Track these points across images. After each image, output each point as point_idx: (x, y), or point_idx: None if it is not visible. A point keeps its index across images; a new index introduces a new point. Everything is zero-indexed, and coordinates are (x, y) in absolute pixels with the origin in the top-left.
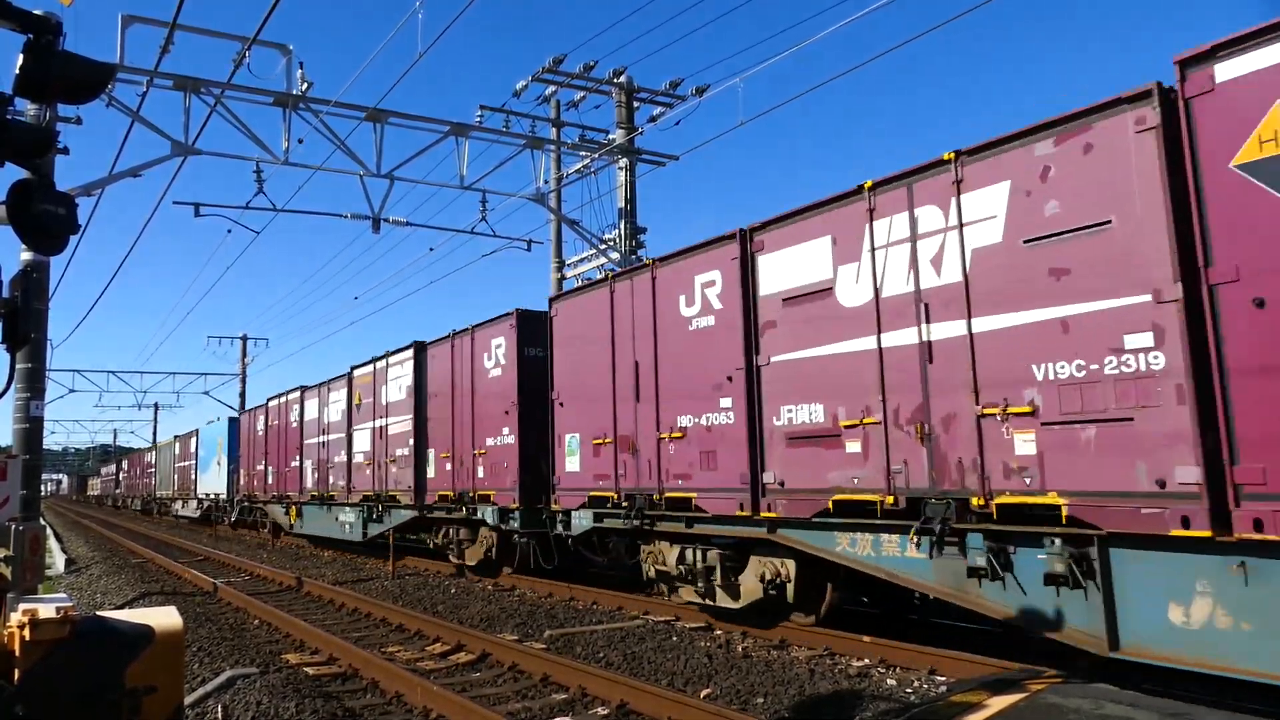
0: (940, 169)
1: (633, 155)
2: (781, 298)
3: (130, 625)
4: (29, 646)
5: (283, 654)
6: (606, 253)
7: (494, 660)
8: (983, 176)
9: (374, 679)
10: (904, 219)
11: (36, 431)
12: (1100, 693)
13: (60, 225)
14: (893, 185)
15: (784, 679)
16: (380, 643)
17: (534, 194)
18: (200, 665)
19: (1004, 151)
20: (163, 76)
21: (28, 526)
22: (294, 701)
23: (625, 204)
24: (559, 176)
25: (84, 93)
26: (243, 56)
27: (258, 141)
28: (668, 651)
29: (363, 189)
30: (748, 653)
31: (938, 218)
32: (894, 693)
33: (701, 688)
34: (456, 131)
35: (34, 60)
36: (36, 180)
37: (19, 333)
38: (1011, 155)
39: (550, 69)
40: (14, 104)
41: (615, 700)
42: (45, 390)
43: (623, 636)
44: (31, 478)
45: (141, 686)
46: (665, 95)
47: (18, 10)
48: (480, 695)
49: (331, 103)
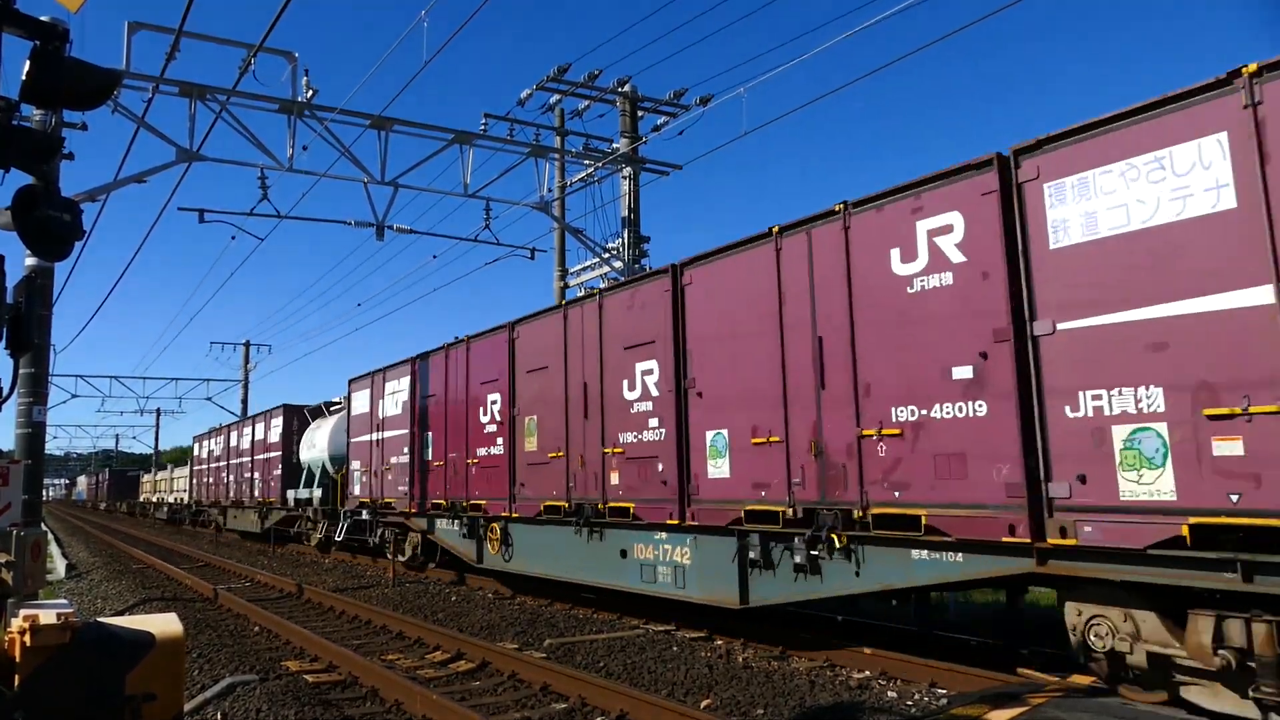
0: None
1: (636, 164)
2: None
3: (130, 631)
4: (29, 652)
5: (283, 661)
6: (610, 261)
7: (494, 669)
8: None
9: (374, 687)
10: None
11: (39, 436)
12: (1101, 708)
13: (65, 231)
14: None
15: (784, 690)
16: (380, 650)
17: (537, 202)
18: (200, 672)
19: (884, 204)
20: (168, 83)
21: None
22: (293, 709)
23: (629, 213)
24: (562, 185)
25: (90, 99)
26: (248, 63)
27: (262, 148)
28: (668, 661)
29: (367, 196)
30: (748, 663)
31: None
32: (894, 705)
33: (702, 698)
34: (461, 139)
35: (41, 66)
36: (42, 186)
37: (22, 338)
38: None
39: (554, 78)
40: (20, 109)
41: (615, 710)
42: (48, 395)
43: (623, 646)
44: (34, 483)
45: (141, 693)
46: (669, 105)
47: (25, 16)
48: (479, 704)
49: (336, 110)
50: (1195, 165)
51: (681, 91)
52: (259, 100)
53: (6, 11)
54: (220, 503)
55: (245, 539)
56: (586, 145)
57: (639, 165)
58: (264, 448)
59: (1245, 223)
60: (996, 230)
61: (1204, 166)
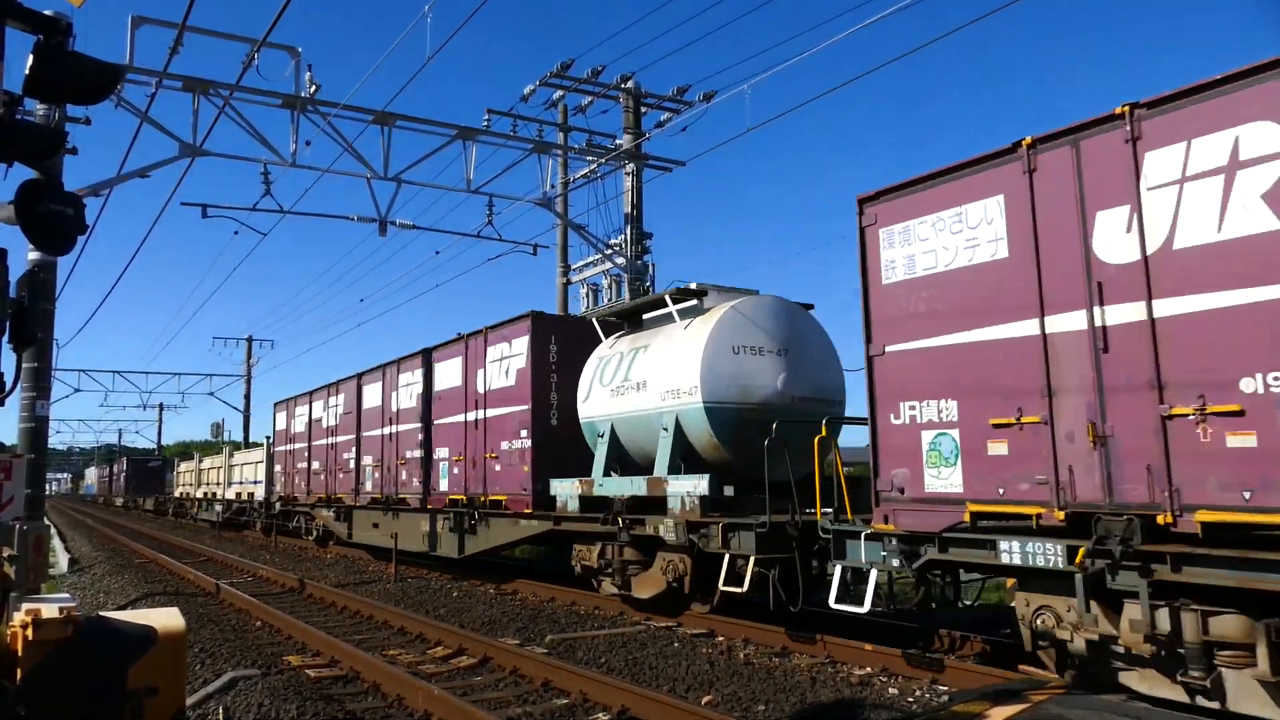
0: None
1: (639, 161)
2: None
3: (132, 626)
4: (31, 647)
5: (284, 656)
6: (612, 258)
7: (495, 664)
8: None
9: (375, 682)
10: None
11: (42, 431)
12: (1103, 704)
13: (68, 225)
14: None
15: (785, 686)
16: (382, 646)
17: (540, 198)
18: (202, 666)
19: None
20: (172, 78)
21: (32, 527)
22: (295, 704)
23: (631, 209)
24: (565, 181)
25: (93, 93)
26: (252, 58)
27: (265, 143)
28: (670, 657)
29: (370, 192)
30: (749, 660)
31: None
32: (896, 702)
33: (703, 694)
34: (464, 135)
35: (44, 61)
36: (45, 180)
37: (25, 333)
38: None
39: (558, 74)
40: (23, 104)
41: (616, 706)
42: (51, 390)
43: (624, 642)
44: (36, 477)
45: (143, 687)
46: (673, 101)
47: (28, 10)
48: (481, 699)
49: (339, 105)
50: (982, 220)
51: (685, 88)
52: (262, 95)
53: (9, 6)
54: (336, 500)
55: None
56: (589, 141)
57: (642, 161)
58: (471, 400)
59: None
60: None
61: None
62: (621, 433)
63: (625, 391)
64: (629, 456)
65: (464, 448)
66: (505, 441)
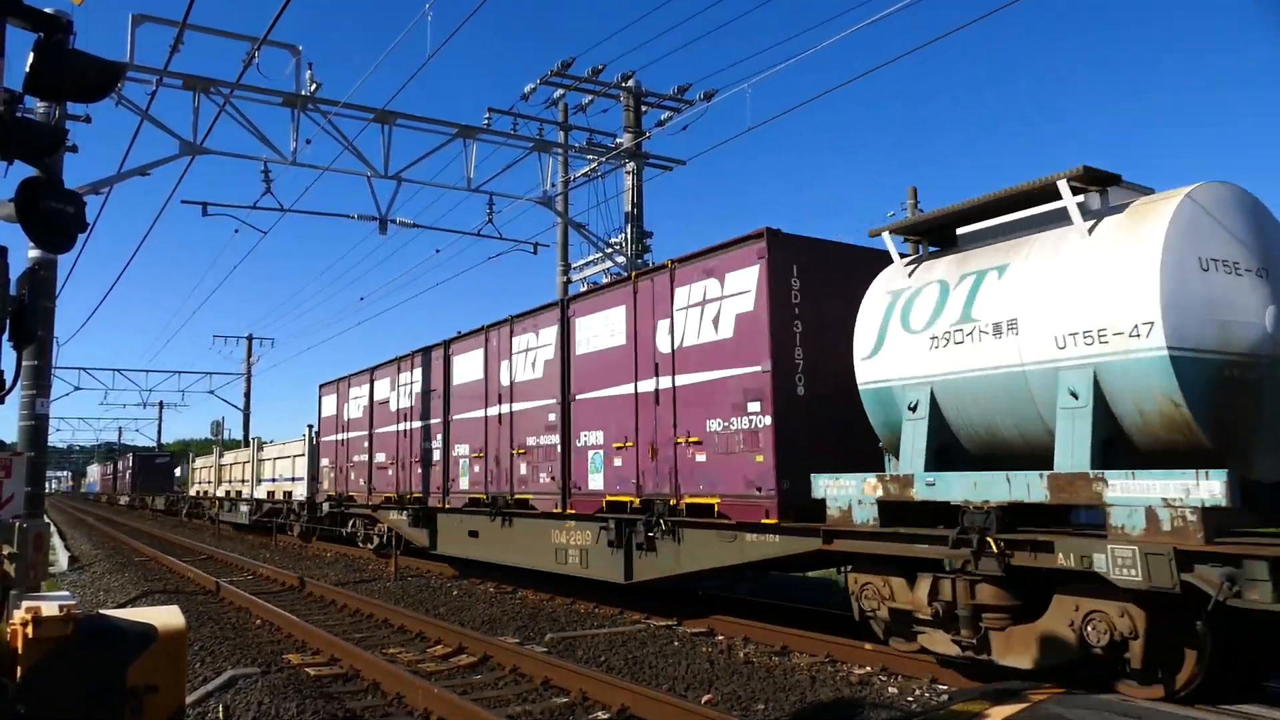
0: None
1: (640, 159)
2: None
3: (132, 624)
4: (31, 645)
5: (284, 654)
6: (613, 256)
7: (495, 663)
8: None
9: (375, 680)
10: None
11: (42, 429)
12: (1102, 704)
13: (68, 223)
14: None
15: (785, 685)
16: (382, 644)
17: (541, 197)
18: (202, 664)
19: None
20: (172, 76)
21: (32, 525)
22: (295, 702)
23: (632, 208)
24: (566, 180)
25: (94, 91)
26: (252, 57)
27: (266, 142)
28: (669, 656)
29: (370, 190)
30: (749, 659)
31: None
32: (895, 701)
33: (703, 693)
34: (464, 134)
35: (45, 59)
36: (45, 178)
37: (25, 330)
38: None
39: (558, 72)
40: (24, 102)
41: (616, 705)
42: (51, 388)
43: (624, 641)
44: (36, 475)
45: (143, 685)
46: (673, 100)
47: (29, 8)
48: (481, 698)
49: (340, 104)
50: (618, 319)
51: (685, 87)
52: (263, 94)
53: (10, 3)
54: (414, 501)
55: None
56: (590, 140)
57: (642, 160)
58: (646, 363)
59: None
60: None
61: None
62: (951, 404)
63: (961, 339)
64: (958, 442)
65: (634, 429)
66: (715, 420)
